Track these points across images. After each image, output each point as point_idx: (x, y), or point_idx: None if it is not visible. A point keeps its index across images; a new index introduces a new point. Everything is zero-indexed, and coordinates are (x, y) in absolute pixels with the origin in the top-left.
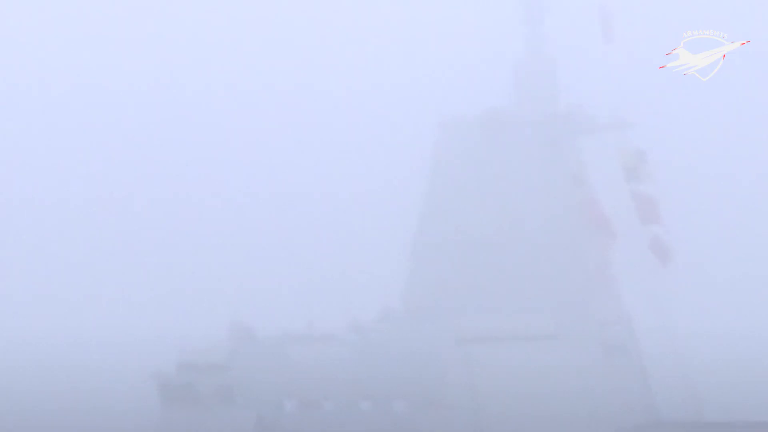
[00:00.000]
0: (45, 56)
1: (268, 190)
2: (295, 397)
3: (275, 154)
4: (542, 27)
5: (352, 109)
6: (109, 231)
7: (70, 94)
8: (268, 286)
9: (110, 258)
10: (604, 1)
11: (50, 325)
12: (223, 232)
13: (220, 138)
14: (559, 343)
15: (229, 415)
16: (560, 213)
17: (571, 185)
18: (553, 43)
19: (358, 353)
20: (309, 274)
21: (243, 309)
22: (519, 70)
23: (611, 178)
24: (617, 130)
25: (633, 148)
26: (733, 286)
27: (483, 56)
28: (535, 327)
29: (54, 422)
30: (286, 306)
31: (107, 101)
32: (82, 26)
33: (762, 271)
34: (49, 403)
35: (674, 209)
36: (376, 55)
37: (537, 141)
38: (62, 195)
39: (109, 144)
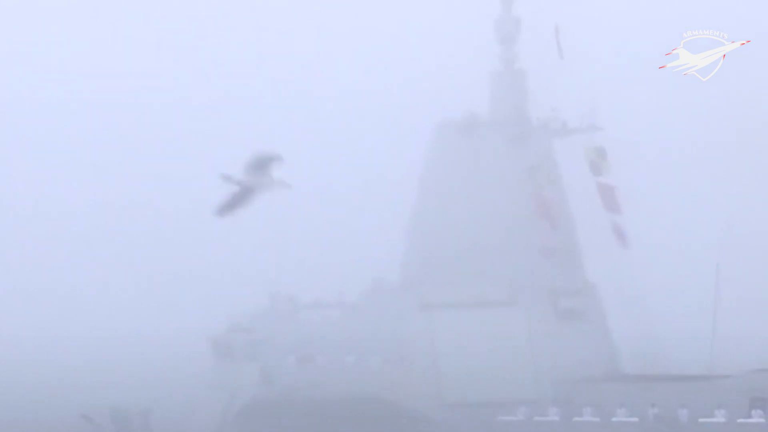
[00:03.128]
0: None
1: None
2: (295, 354)
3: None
4: (514, 45)
5: (354, 110)
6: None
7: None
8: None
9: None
10: (558, 23)
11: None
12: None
13: (215, 134)
14: (515, 309)
15: (244, 368)
16: (525, 201)
17: (530, 179)
18: (525, 59)
19: (346, 318)
20: (310, 254)
21: (266, 283)
22: (495, 80)
23: (580, 172)
24: (585, 133)
25: (595, 146)
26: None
27: (464, 69)
28: (492, 295)
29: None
30: (295, 280)
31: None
32: (82, 26)
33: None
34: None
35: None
36: (371, 64)
37: (508, 141)
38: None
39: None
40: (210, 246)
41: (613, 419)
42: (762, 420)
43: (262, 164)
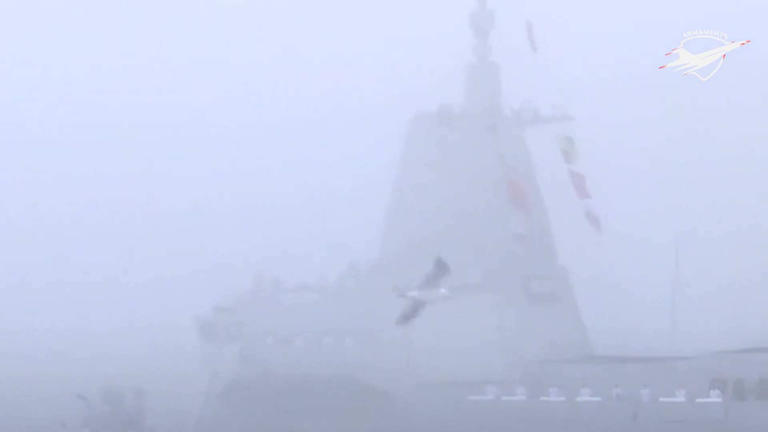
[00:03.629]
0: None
1: (255, 172)
2: (274, 335)
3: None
4: (488, 38)
5: (335, 102)
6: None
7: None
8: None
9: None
10: (531, 18)
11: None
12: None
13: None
14: (487, 293)
15: (226, 348)
16: (498, 189)
17: (502, 165)
18: (499, 51)
19: (324, 301)
20: (293, 240)
21: (250, 266)
22: (470, 73)
23: (552, 160)
24: (559, 122)
25: (566, 135)
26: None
27: (440, 62)
28: (465, 279)
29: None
30: (278, 264)
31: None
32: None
33: None
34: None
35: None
36: (351, 58)
37: (482, 131)
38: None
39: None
40: (201, 232)
41: (577, 399)
42: (719, 400)
43: (433, 281)
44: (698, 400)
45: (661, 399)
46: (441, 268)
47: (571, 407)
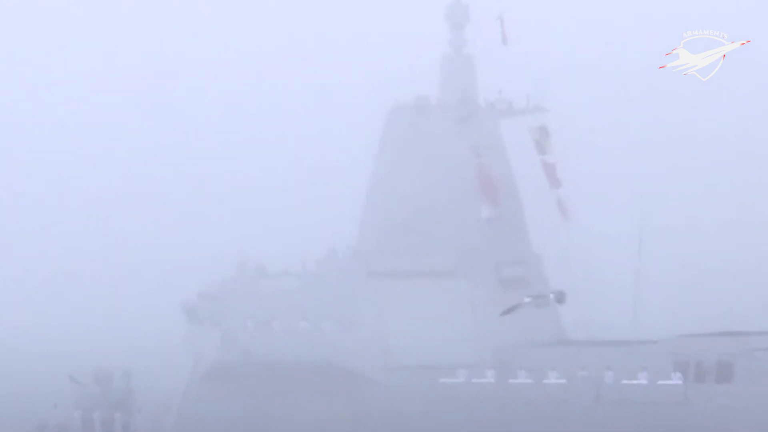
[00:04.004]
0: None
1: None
2: (253, 319)
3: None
4: (464, 31)
5: (317, 93)
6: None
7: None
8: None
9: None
10: (502, 13)
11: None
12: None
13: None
14: (460, 278)
15: (208, 332)
16: (471, 178)
17: (475, 155)
18: (473, 44)
19: (302, 286)
20: (274, 230)
21: (234, 253)
22: (445, 65)
23: (526, 151)
24: (532, 114)
25: (539, 125)
26: None
27: (417, 54)
28: (438, 265)
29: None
30: (260, 250)
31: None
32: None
33: None
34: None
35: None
36: (333, 51)
37: (457, 121)
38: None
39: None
40: (188, 222)
41: (544, 381)
42: (680, 382)
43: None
44: (659, 382)
45: (624, 381)
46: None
47: (538, 389)
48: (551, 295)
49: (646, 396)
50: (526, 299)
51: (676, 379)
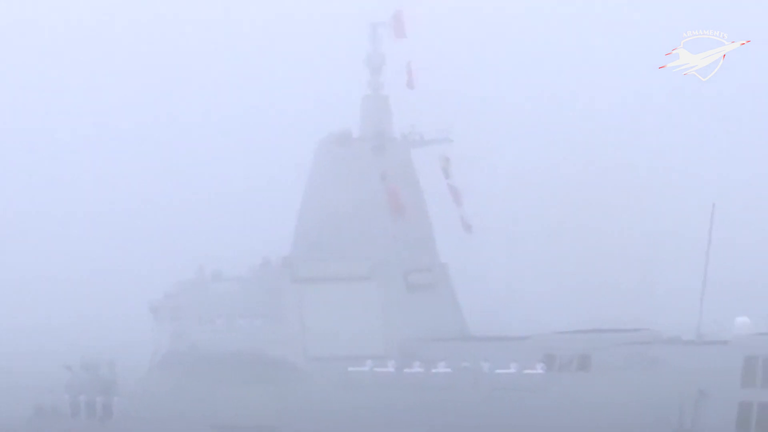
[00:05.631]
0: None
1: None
2: (200, 317)
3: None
4: (381, 75)
5: (258, 126)
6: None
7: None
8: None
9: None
10: (410, 61)
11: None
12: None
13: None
14: (371, 283)
15: (166, 328)
16: (384, 198)
17: (386, 179)
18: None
19: (241, 288)
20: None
21: (194, 258)
22: (366, 103)
23: (434, 175)
24: (440, 144)
25: (445, 155)
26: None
27: (341, 94)
28: (353, 271)
29: None
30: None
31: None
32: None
33: None
34: None
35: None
36: (271, 91)
37: (374, 151)
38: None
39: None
40: (158, 231)
41: (433, 371)
42: (542, 372)
43: None
44: (524, 371)
45: (497, 371)
46: None
47: (427, 377)
48: None
49: (514, 384)
50: None
51: (539, 369)
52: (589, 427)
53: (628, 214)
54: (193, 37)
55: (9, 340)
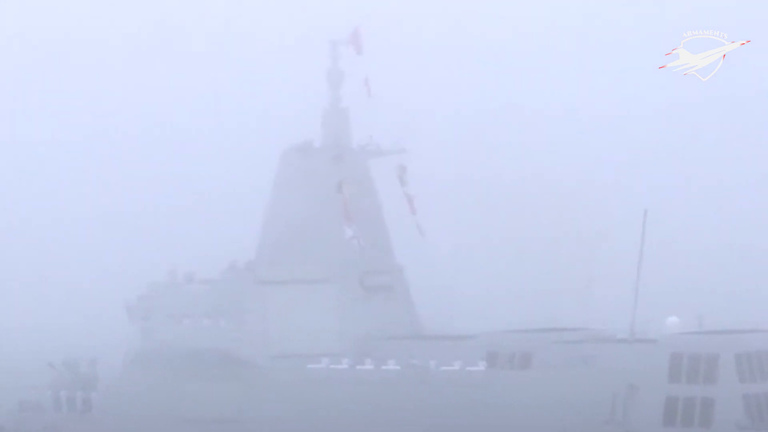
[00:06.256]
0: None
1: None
2: (169, 316)
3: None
4: (340, 89)
5: (227, 140)
6: None
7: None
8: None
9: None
10: (367, 77)
11: None
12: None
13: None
14: (328, 285)
15: (138, 326)
16: (341, 205)
17: (344, 188)
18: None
19: (208, 290)
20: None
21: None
22: (326, 116)
23: (391, 184)
24: (396, 154)
25: (401, 164)
26: None
27: (304, 108)
28: (311, 274)
29: None
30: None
31: None
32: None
33: None
34: None
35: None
36: (240, 106)
37: (334, 161)
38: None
39: None
40: (132, 237)
41: (383, 367)
42: (482, 368)
43: None
44: (467, 368)
45: (442, 368)
46: None
47: (378, 374)
48: None
49: (457, 380)
50: None
51: (480, 366)
52: (528, 421)
53: (570, 220)
54: (169, 54)
55: None
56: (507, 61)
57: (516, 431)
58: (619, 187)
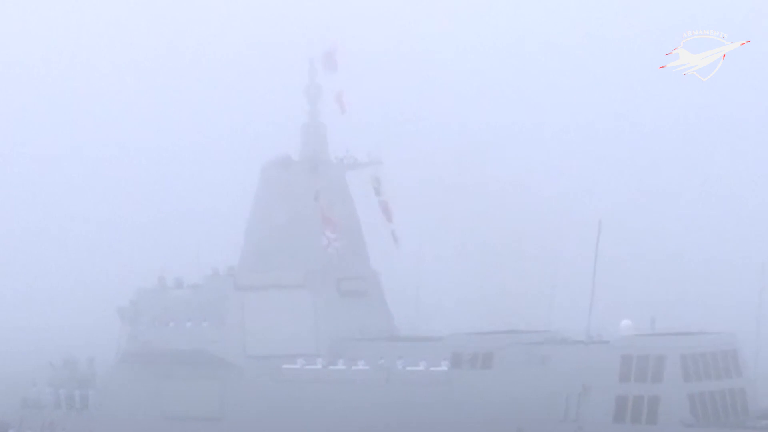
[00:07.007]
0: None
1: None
2: (155, 319)
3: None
4: (318, 104)
5: (210, 153)
6: None
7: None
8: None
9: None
10: (340, 91)
11: None
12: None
13: None
14: (305, 290)
15: (127, 329)
16: (318, 214)
17: (320, 198)
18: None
19: (192, 295)
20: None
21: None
22: (305, 130)
23: (367, 193)
24: (372, 166)
25: (376, 175)
26: None
27: (283, 122)
28: (288, 280)
29: None
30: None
31: None
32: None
33: None
34: None
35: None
36: (222, 123)
37: (312, 173)
38: None
39: None
40: (125, 246)
41: (353, 367)
42: (445, 368)
43: None
44: (431, 368)
45: (408, 368)
46: None
47: (348, 373)
48: None
49: (421, 379)
50: None
51: (443, 366)
52: (488, 417)
53: (531, 228)
54: (156, 69)
55: None
56: (477, 77)
57: (477, 428)
58: (578, 197)
